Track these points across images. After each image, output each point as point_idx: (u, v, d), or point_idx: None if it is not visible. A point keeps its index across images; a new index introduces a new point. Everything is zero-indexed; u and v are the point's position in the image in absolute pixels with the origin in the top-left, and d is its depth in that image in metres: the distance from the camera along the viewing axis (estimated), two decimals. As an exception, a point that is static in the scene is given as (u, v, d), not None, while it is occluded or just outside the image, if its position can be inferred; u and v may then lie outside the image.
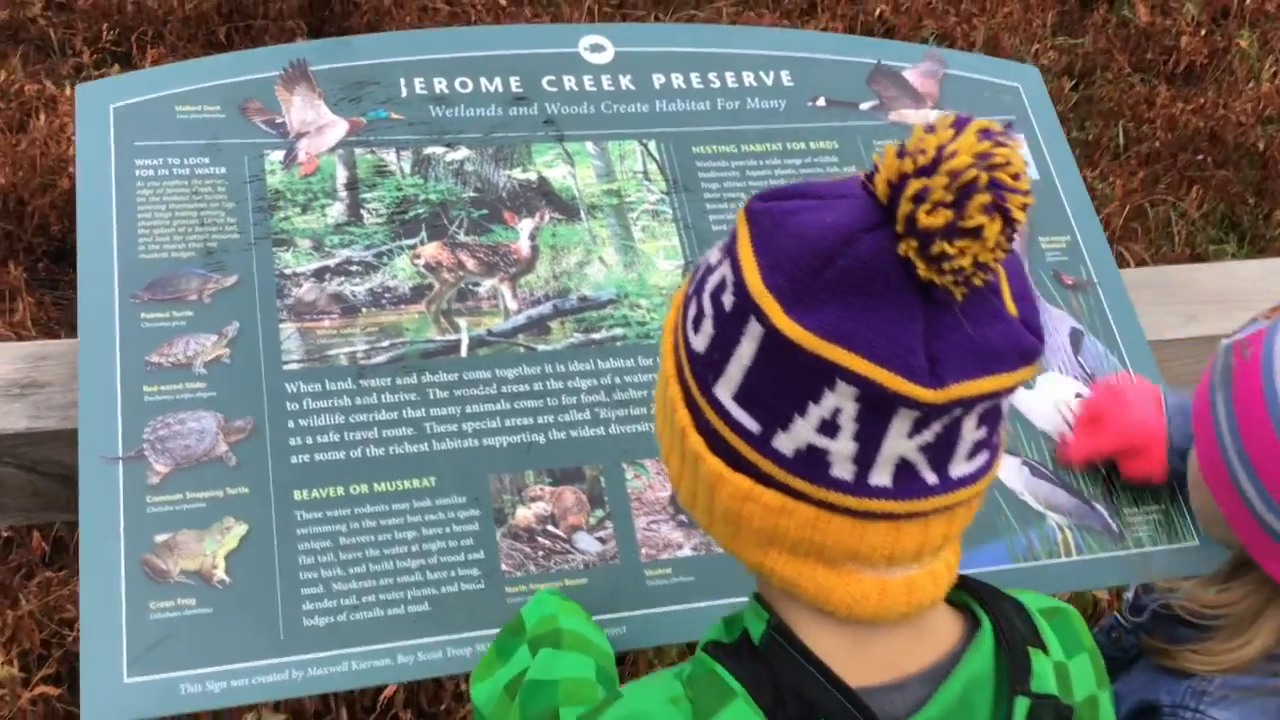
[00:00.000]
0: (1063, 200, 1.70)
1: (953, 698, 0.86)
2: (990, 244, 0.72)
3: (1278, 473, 1.01)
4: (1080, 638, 0.99)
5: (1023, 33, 4.82)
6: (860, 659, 0.86)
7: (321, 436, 1.36)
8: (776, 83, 1.71)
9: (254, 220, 1.46)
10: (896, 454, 0.77)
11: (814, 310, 0.75)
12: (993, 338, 0.76)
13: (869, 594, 0.82)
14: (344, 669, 1.25)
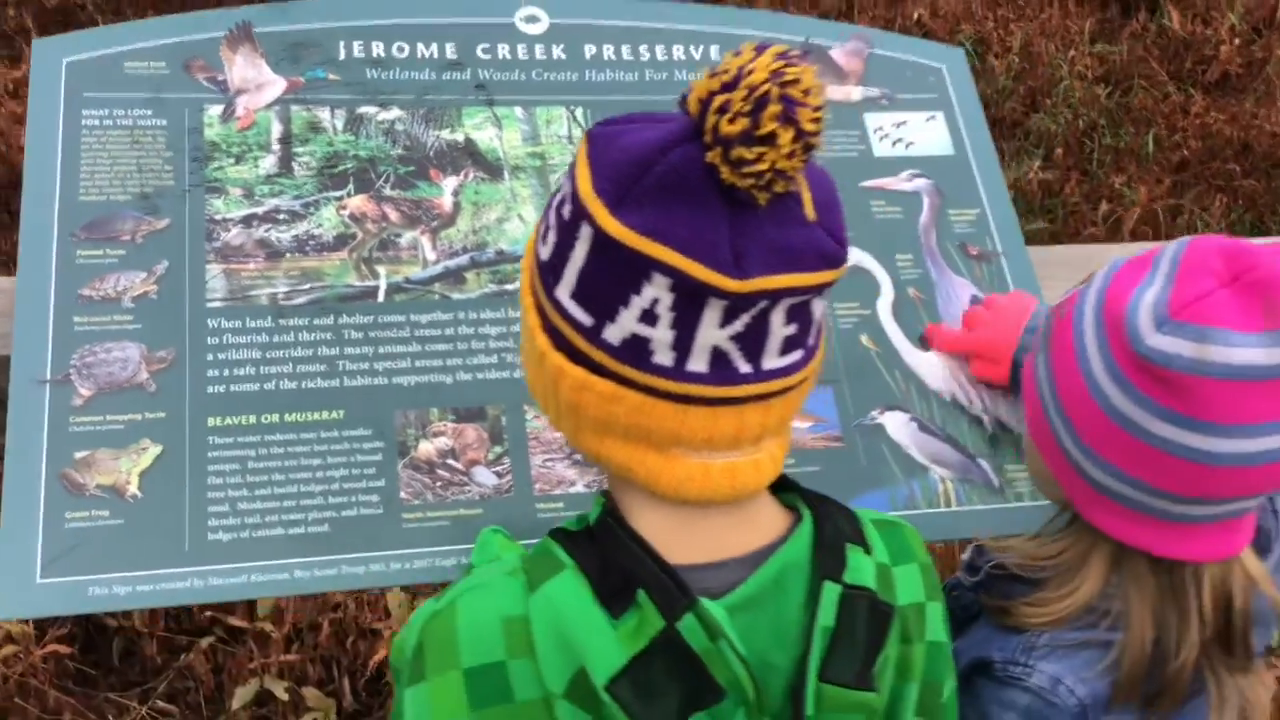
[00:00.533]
0: (975, 176, 1.77)
1: (768, 579, 0.94)
2: (784, 151, 0.81)
3: (1088, 420, 1.07)
4: (911, 550, 1.06)
5: (1060, 39, 4.85)
6: (686, 540, 0.94)
7: (238, 369, 1.45)
8: (705, 56, 1.79)
9: (189, 169, 1.55)
10: (711, 342, 0.86)
11: (634, 211, 0.84)
12: (793, 239, 0.85)
13: (693, 476, 0.91)
14: (243, 580, 1.34)
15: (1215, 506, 1.05)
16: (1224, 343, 0.97)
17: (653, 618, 0.90)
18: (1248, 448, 1.00)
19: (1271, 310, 0.97)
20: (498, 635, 0.93)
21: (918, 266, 1.68)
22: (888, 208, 1.72)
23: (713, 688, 0.91)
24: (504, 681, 0.92)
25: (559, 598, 0.92)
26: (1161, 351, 0.99)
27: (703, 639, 0.90)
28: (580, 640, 0.91)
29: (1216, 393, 0.98)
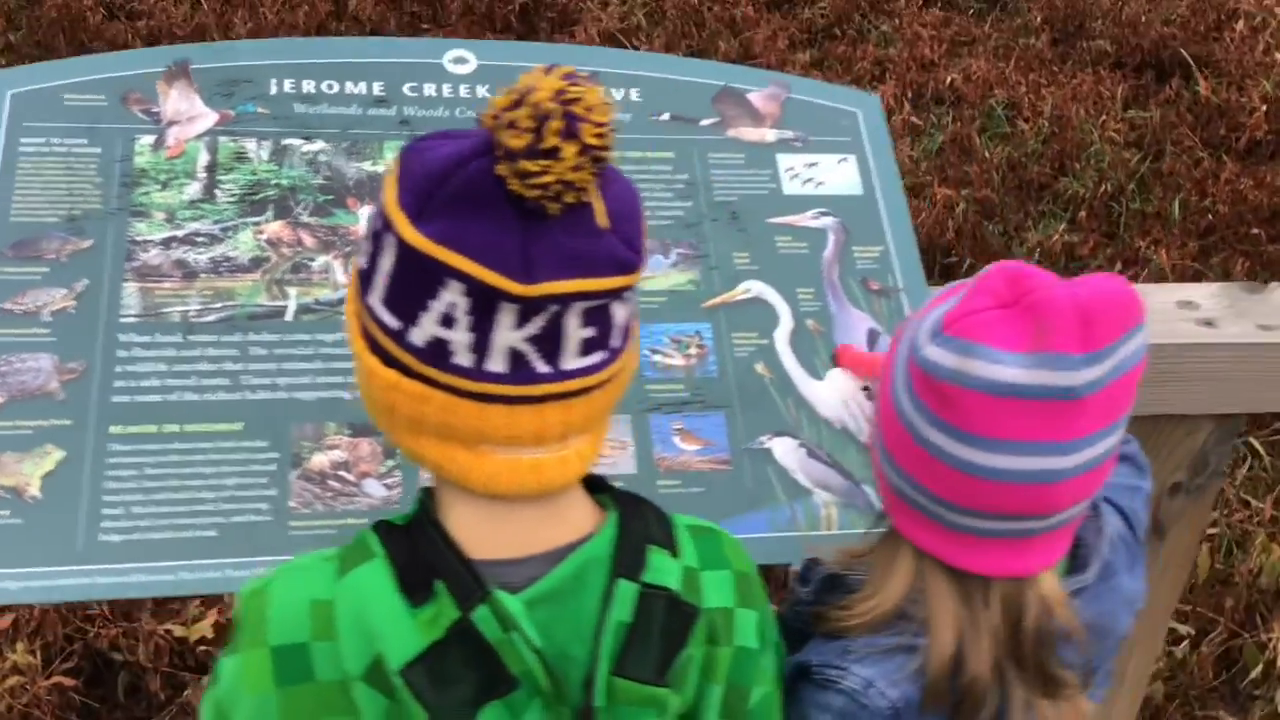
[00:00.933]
0: (882, 215, 1.82)
1: (568, 575, 0.99)
2: (569, 164, 0.87)
3: (889, 427, 1.11)
4: (725, 557, 1.10)
5: (1092, 104, 4.90)
6: (493, 536, 0.99)
7: (144, 381, 1.53)
8: (625, 98, 1.86)
9: (117, 194, 1.64)
10: (507, 344, 0.91)
11: (432, 221, 0.90)
12: (584, 247, 0.90)
13: (501, 472, 0.96)
14: (130, 580, 1.41)
15: (996, 522, 1.08)
16: (987, 358, 1.00)
17: (449, 609, 0.95)
18: (1010, 464, 1.03)
19: (1042, 334, 1.00)
20: (305, 617, 0.98)
21: (818, 299, 1.73)
22: (793, 243, 1.77)
23: (506, 678, 0.95)
24: (307, 661, 0.97)
25: (363, 585, 0.98)
26: (931, 361, 1.03)
27: (496, 630, 0.95)
28: (378, 626, 0.96)
29: (973, 405, 1.02)
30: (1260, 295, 2.02)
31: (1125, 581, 1.25)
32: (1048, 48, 5.31)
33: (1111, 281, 1.04)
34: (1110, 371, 1.02)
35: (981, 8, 5.72)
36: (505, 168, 0.88)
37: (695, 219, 1.77)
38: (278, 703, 0.97)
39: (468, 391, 0.94)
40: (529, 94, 0.88)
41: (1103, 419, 1.04)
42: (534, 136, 0.87)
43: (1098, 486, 1.10)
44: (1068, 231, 4.29)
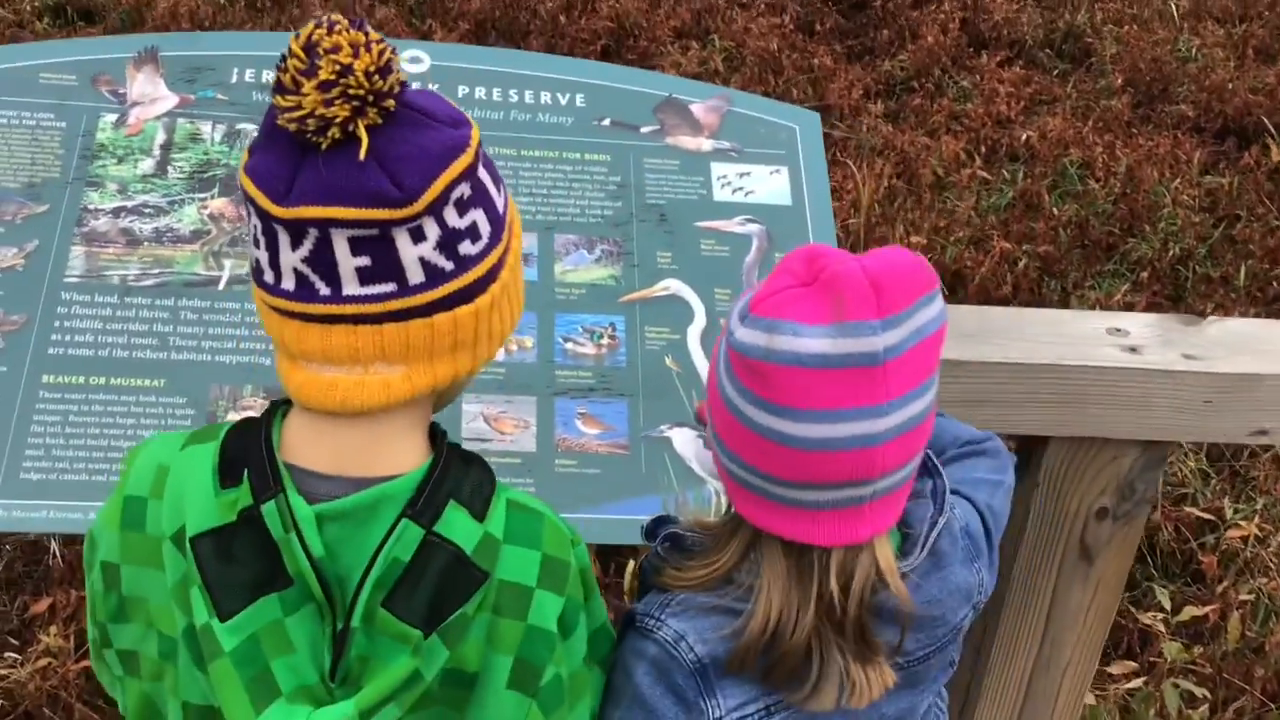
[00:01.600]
0: (808, 225, 1.89)
1: (363, 502, 1.05)
2: (314, 99, 0.95)
3: (716, 411, 1.16)
4: (539, 539, 1.13)
5: (1168, 167, 4.89)
6: (313, 447, 1.07)
7: (79, 337, 1.63)
8: (570, 103, 1.95)
9: (76, 165, 1.76)
10: (291, 264, 1.01)
11: (251, 156, 1.03)
12: (343, 179, 0.98)
13: (306, 384, 1.04)
14: (43, 515, 1.51)
15: (824, 492, 1.11)
16: (792, 333, 1.05)
17: (245, 497, 1.04)
18: (826, 433, 1.07)
19: (840, 306, 1.05)
20: (150, 476, 1.10)
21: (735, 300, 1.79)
22: (717, 246, 1.84)
23: (283, 575, 1.03)
24: (142, 513, 1.10)
25: (191, 461, 1.08)
26: (742, 342, 1.08)
27: (279, 527, 1.03)
28: (188, 499, 1.06)
29: (787, 379, 1.06)
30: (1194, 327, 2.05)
31: (959, 572, 1.27)
32: (1128, 109, 5.29)
33: (899, 253, 1.09)
34: (910, 336, 1.07)
35: (1065, 68, 5.75)
36: (276, 104, 0.98)
37: (624, 219, 1.84)
38: (119, 541, 1.11)
39: (272, 306, 1.05)
40: (291, 41, 0.99)
41: (910, 381, 1.09)
42: (277, 74, 0.98)
43: (919, 448, 1.14)
44: (1130, 292, 4.28)
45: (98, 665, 1.21)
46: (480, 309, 1.07)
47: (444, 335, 1.06)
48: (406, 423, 1.09)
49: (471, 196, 1.04)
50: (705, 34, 5.65)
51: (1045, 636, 2.16)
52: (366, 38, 0.97)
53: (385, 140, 0.98)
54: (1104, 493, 2.02)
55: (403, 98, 1.00)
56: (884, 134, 4.98)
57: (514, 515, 1.12)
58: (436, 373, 1.07)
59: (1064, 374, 1.88)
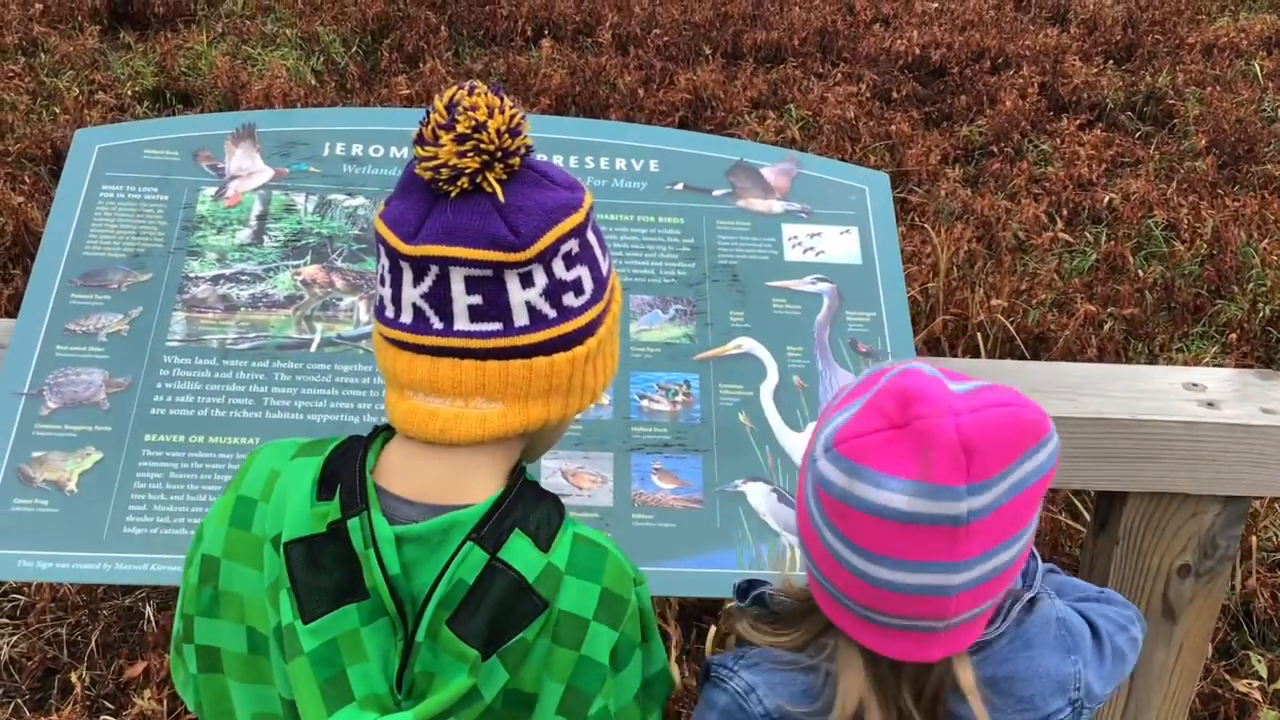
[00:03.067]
0: (878, 284, 1.92)
1: (437, 527, 1.12)
2: (450, 150, 1.06)
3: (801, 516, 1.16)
4: (600, 573, 1.17)
5: (1255, 227, 4.85)
6: (402, 474, 1.15)
7: (180, 397, 1.72)
8: (644, 169, 2.02)
9: (177, 236, 1.86)
10: (411, 299, 1.11)
11: (387, 204, 1.14)
12: (467, 223, 1.08)
13: (410, 412, 1.13)
14: (144, 569, 1.58)
15: (896, 619, 1.09)
16: (872, 483, 1.03)
17: (335, 511, 1.11)
18: (902, 579, 1.05)
19: (927, 465, 1.01)
20: (262, 479, 1.19)
21: (806, 358, 1.83)
22: (788, 305, 1.88)
23: (361, 587, 1.10)
24: (251, 513, 1.18)
25: (296, 471, 1.16)
26: (824, 477, 1.07)
27: (360, 542, 1.10)
28: (289, 506, 1.14)
29: (865, 525, 1.05)
30: (1272, 382, 2.03)
31: (1049, 658, 1.23)
32: (1212, 170, 5.25)
33: (1004, 408, 1.05)
34: (1000, 496, 1.04)
35: (1148, 130, 5.73)
36: (416, 154, 1.09)
37: (697, 279, 1.89)
38: (225, 536, 1.19)
39: (388, 338, 1.14)
40: (436, 99, 1.10)
41: (994, 538, 1.06)
42: (420, 129, 1.09)
43: (998, 591, 1.11)
44: (1218, 354, 4.23)
45: (175, 662, 1.28)
46: (576, 358, 1.15)
47: (540, 378, 1.13)
48: (493, 460, 1.16)
49: (579, 253, 1.13)
50: (782, 104, 5.74)
51: (1130, 700, 2.13)
52: (501, 102, 1.09)
53: (508, 193, 1.09)
54: (1185, 549, 2.00)
55: (527, 159, 1.12)
56: (963, 198, 4.99)
57: (578, 548, 1.17)
58: (530, 413, 1.14)
59: (1141, 429, 1.88)
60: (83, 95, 5.42)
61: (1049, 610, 1.25)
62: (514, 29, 6.29)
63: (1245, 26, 6.76)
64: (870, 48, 6.28)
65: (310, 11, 6.37)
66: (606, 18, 6.41)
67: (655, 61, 5.98)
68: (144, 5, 6.24)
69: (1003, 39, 6.43)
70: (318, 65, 5.86)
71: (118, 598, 3.17)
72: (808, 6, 6.75)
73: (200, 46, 5.92)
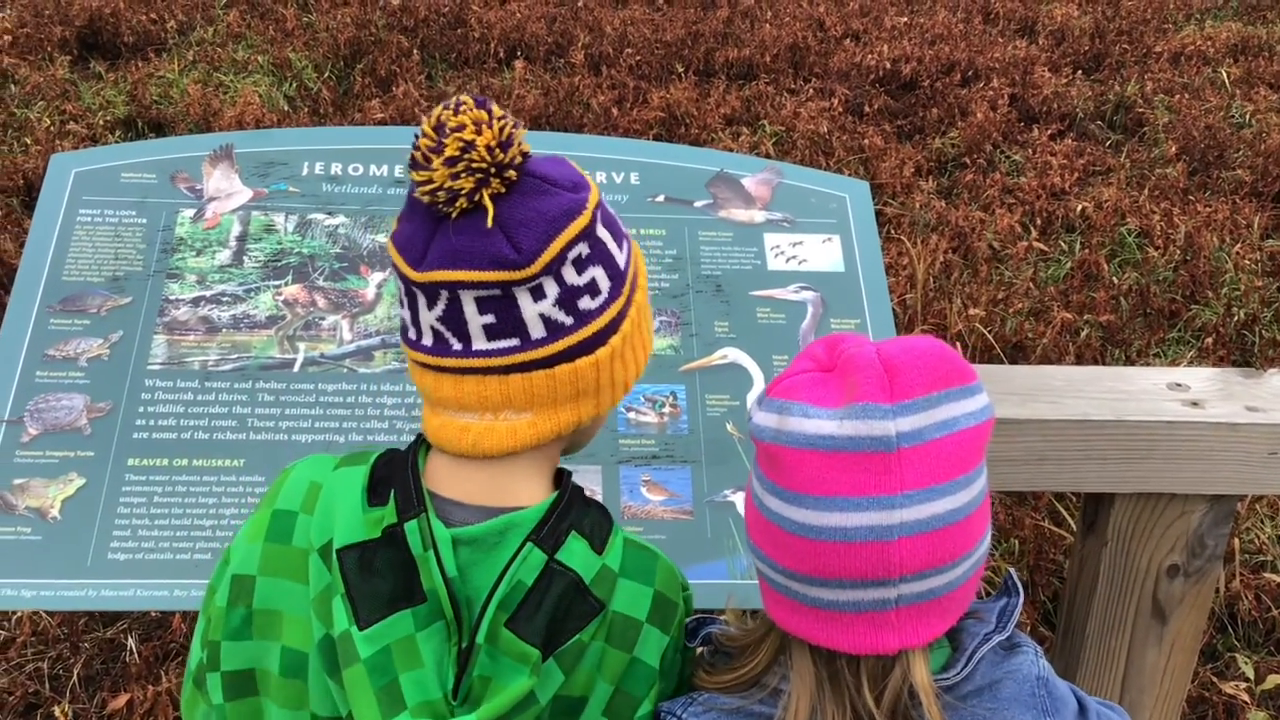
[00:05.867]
0: (861, 291, 1.92)
1: (493, 529, 1.12)
2: (443, 173, 1.05)
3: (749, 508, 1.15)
4: (652, 575, 1.18)
5: (1228, 232, 4.89)
6: (450, 479, 1.15)
7: (162, 421, 1.70)
8: (625, 181, 2.01)
9: (157, 258, 1.85)
10: (429, 323, 1.11)
11: (397, 226, 1.14)
12: (468, 245, 1.07)
13: (442, 427, 1.14)
14: (130, 594, 1.56)
15: (844, 590, 1.07)
16: (801, 414, 1.05)
17: (390, 515, 1.11)
18: (837, 521, 1.04)
19: (854, 389, 1.03)
20: (302, 492, 1.18)
21: (792, 366, 1.82)
22: (773, 314, 1.88)
23: (419, 590, 1.09)
24: (290, 527, 1.17)
25: (343, 480, 1.16)
26: (756, 425, 1.09)
27: (418, 545, 1.09)
28: (339, 513, 1.13)
29: (796, 461, 1.05)
30: (1255, 380, 2.04)
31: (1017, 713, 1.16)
32: (1183, 176, 5.31)
33: (925, 341, 1.08)
34: (933, 426, 1.04)
35: (1118, 139, 5.78)
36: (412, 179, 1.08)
37: (681, 290, 1.89)
38: (260, 553, 1.18)
39: (416, 360, 1.15)
40: (424, 121, 1.09)
41: (932, 474, 1.05)
42: (415, 152, 1.08)
43: (947, 554, 1.07)
44: (1195, 358, 4.25)
45: (191, 697, 1.24)
46: (600, 360, 1.14)
47: (565, 385, 1.13)
48: (534, 464, 1.17)
49: (590, 255, 1.12)
50: (755, 120, 5.76)
51: (1122, 701, 2.13)
52: (489, 115, 1.07)
53: (508, 207, 1.07)
54: (1174, 549, 2.00)
55: (525, 167, 1.09)
56: (937, 210, 5.02)
57: (630, 551, 1.18)
58: (560, 419, 1.14)
59: (1126, 430, 1.88)
60: (54, 126, 5.39)
61: (1029, 667, 1.18)
62: (486, 51, 6.30)
63: (1211, 34, 6.84)
64: (841, 63, 6.32)
65: (282, 38, 6.37)
66: (579, 38, 6.43)
67: (628, 80, 6.00)
68: (114, 34, 6.22)
69: (972, 52, 6.49)
70: (290, 91, 5.85)
71: (99, 630, 3.14)
72: (778, 23, 6.79)
73: (171, 75, 5.90)
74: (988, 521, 1.13)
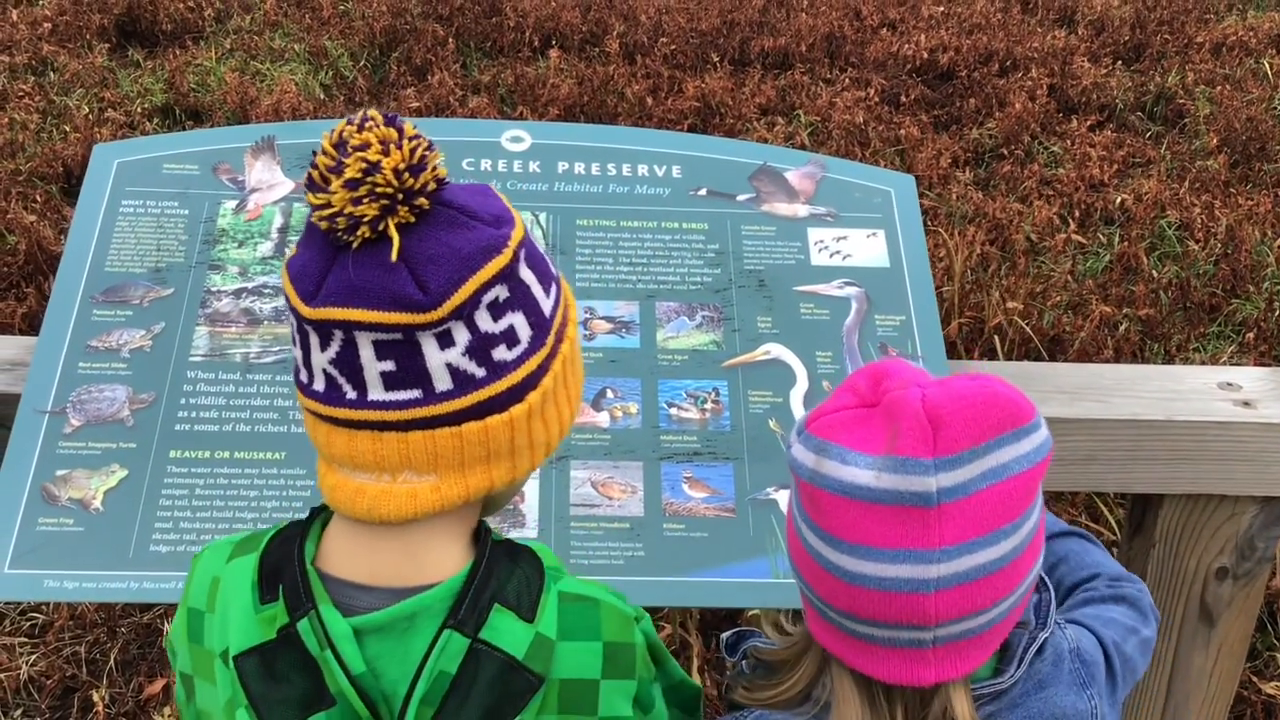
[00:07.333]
0: (906, 287, 1.89)
1: (400, 613, 1.01)
2: (343, 196, 0.92)
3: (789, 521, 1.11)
4: (597, 628, 1.07)
5: (1270, 226, 4.82)
6: (350, 557, 1.04)
7: (204, 413, 1.70)
8: (667, 175, 1.99)
9: (199, 250, 1.84)
10: (321, 365, 0.98)
11: (295, 250, 1.00)
12: (369, 280, 0.94)
13: (336, 488, 1.01)
14: (172, 586, 1.56)
15: (880, 629, 1.03)
16: (838, 459, 0.99)
17: (283, 614, 1.01)
18: (875, 571, 0.99)
19: (896, 439, 0.97)
20: (205, 588, 1.09)
21: (835, 363, 1.80)
22: (816, 310, 1.86)
23: (326, 694, 0.99)
24: (200, 626, 1.08)
25: (234, 575, 1.05)
26: (795, 460, 1.03)
27: (314, 645, 0.99)
28: (231, 616, 1.03)
29: (835, 508, 0.99)
30: (1308, 379, 2.00)
31: (1064, 696, 1.16)
32: (1224, 169, 5.23)
33: (977, 384, 1.01)
34: (974, 478, 0.99)
35: (1158, 130, 5.70)
36: (309, 201, 0.96)
37: (723, 285, 1.87)
38: (189, 654, 1.10)
39: (305, 407, 1.02)
40: (324, 137, 0.96)
41: (972, 528, 1.00)
42: (312, 170, 0.95)
43: (987, 600, 1.03)
44: (1236, 353, 4.19)
45: None
46: (515, 417, 1.01)
47: (474, 445, 1.00)
48: (445, 530, 1.04)
49: (508, 300, 0.99)
50: (790, 110, 5.72)
51: (1168, 705, 2.10)
52: (400, 134, 0.94)
53: (416, 240, 0.95)
54: (1223, 551, 1.98)
55: (441, 196, 0.97)
56: (974, 201, 4.97)
57: (567, 609, 1.06)
58: (469, 484, 1.01)
59: (1176, 430, 1.85)
60: (93, 113, 5.42)
61: (1060, 643, 1.18)
62: (521, 40, 6.29)
63: (1254, 25, 6.73)
64: (878, 52, 6.27)
65: (318, 26, 6.37)
66: (613, 27, 6.40)
67: (663, 70, 5.97)
68: (152, 23, 6.25)
69: (1010, 41, 6.42)
70: (326, 79, 5.86)
71: (136, 615, 3.16)
72: (814, 12, 6.74)
73: (209, 62, 5.92)
74: (1037, 555, 1.09)
